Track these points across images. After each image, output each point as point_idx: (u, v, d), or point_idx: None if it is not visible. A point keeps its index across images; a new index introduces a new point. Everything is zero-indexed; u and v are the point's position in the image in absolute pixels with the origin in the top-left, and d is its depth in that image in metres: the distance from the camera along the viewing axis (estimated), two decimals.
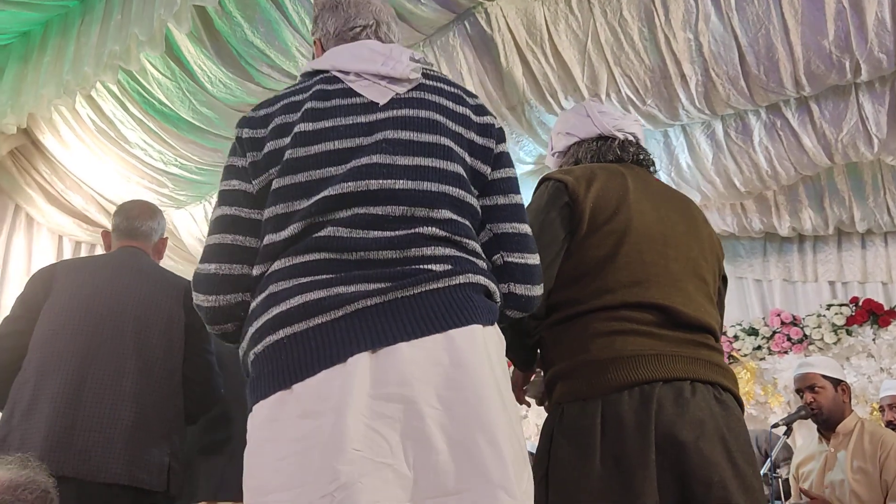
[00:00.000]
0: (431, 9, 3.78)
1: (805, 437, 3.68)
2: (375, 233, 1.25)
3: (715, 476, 1.41)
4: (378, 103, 1.35)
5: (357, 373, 1.13)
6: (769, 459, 3.03)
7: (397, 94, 1.36)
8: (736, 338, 5.84)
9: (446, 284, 1.23)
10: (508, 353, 1.44)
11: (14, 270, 4.67)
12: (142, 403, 2.10)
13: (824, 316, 5.50)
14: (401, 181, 1.28)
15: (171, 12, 3.12)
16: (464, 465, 1.11)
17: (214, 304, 1.30)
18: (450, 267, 1.25)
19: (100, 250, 5.29)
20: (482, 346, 1.21)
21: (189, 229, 5.27)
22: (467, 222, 1.33)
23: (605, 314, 1.54)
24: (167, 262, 5.52)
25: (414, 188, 1.28)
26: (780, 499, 3.08)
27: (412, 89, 1.38)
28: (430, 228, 1.27)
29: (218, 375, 2.31)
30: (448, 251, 1.27)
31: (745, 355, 5.76)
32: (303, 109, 1.34)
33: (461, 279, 1.25)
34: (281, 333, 1.19)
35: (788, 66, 3.65)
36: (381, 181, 1.27)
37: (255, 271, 1.30)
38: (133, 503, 2.04)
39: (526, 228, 1.41)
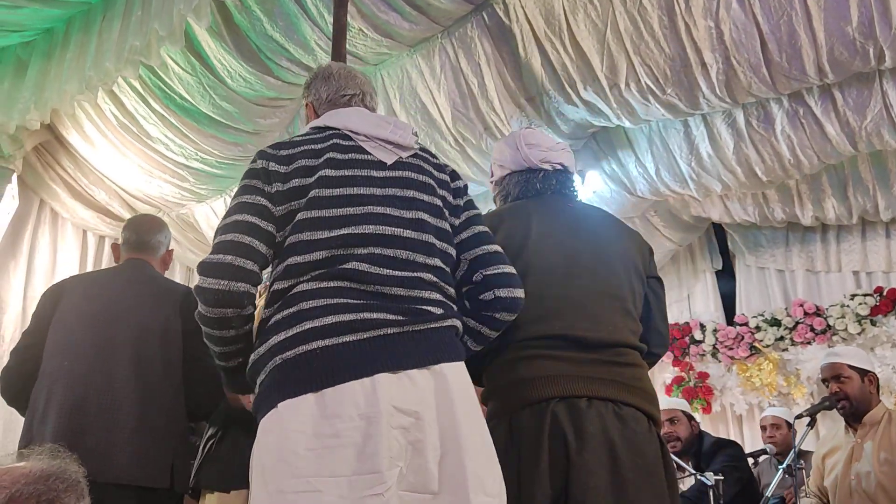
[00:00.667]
0: (449, 0, 3.78)
1: (829, 427, 3.65)
2: (388, 271, 1.53)
3: (591, 482, 1.60)
4: (386, 163, 1.66)
5: (382, 388, 1.39)
6: (793, 451, 3.02)
7: (400, 157, 1.68)
8: (758, 328, 5.80)
9: (440, 325, 1.54)
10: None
11: (40, 265, 4.73)
12: (144, 406, 2.23)
13: (848, 306, 5.44)
14: (406, 230, 1.58)
15: (190, 7, 3.14)
16: (443, 474, 1.40)
17: (224, 289, 1.48)
18: (442, 311, 1.56)
19: None
20: (463, 378, 1.54)
21: (210, 223, 5.31)
22: (449, 269, 1.65)
23: (514, 345, 1.77)
24: (189, 256, 5.56)
25: (416, 237, 1.59)
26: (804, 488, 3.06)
27: (410, 156, 1.70)
28: (427, 274, 1.57)
29: (217, 377, 2.37)
30: (438, 296, 1.58)
31: (768, 346, 5.72)
32: (324, 157, 1.62)
33: (448, 322, 1.56)
34: (314, 345, 1.42)
35: (811, 53, 3.60)
36: (392, 228, 1.57)
37: (278, 286, 1.53)
38: (138, 500, 2.16)
39: (495, 248, 1.71)
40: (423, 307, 1.53)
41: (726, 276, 6.61)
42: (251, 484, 1.41)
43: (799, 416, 3.23)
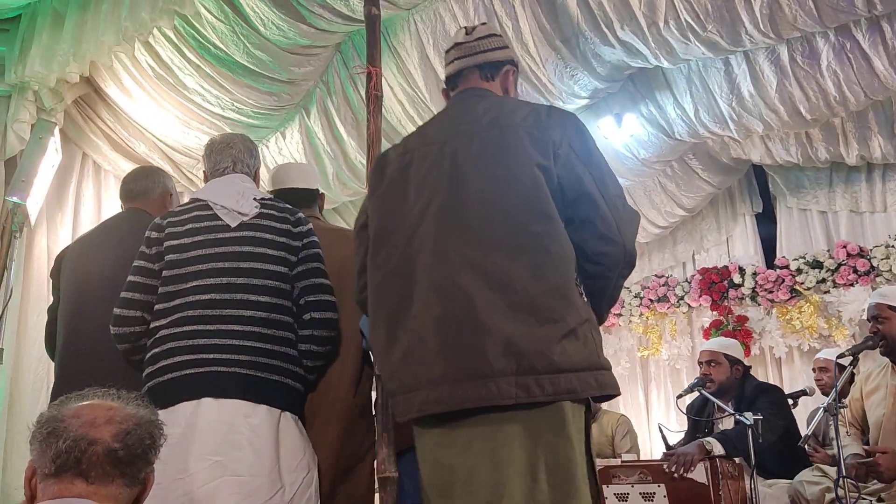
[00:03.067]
0: None
1: (868, 365, 3.63)
2: (226, 311, 2.05)
3: None
4: (231, 225, 2.16)
5: (203, 407, 1.96)
6: (835, 389, 3.01)
7: (243, 221, 2.17)
8: (799, 271, 5.72)
9: (257, 360, 2.06)
10: None
11: (85, 217, 4.83)
12: (107, 355, 2.40)
13: (893, 247, 5.34)
14: (240, 279, 2.09)
15: None
16: (255, 463, 1.95)
17: (119, 332, 2.15)
18: (262, 346, 2.07)
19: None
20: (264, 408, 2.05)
21: None
22: (280, 302, 2.12)
23: None
24: None
25: (247, 283, 2.09)
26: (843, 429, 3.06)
27: (254, 217, 2.18)
28: (259, 312, 2.07)
29: None
30: (265, 331, 2.07)
31: (809, 288, 5.65)
32: (186, 227, 2.18)
33: (264, 360, 2.06)
34: (166, 377, 2.02)
35: None
36: (229, 278, 2.09)
37: (152, 325, 2.10)
38: None
39: (319, 280, 2.18)
40: (249, 343, 2.03)
41: (766, 220, 6.52)
42: None
43: (841, 356, 3.21)
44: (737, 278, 6.03)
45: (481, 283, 1.54)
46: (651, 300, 6.53)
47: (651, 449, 6.19)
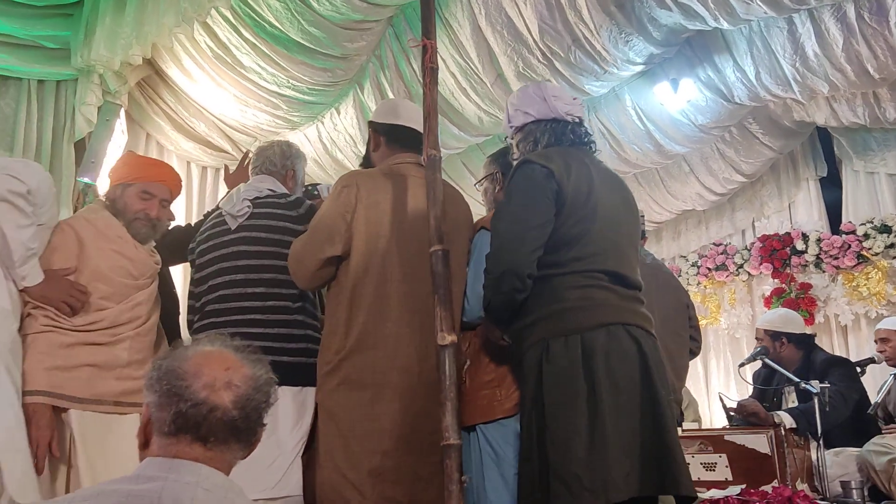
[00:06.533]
0: None
1: None
2: (234, 304, 2.39)
3: (659, 385, 2.03)
4: (231, 228, 2.49)
5: None
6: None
7: (240, 223, 2.48)
8: (866, 236, 5.55)
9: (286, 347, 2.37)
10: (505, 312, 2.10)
11: None
12: None
13: None
14: (238, 275, 2.42)
15: None
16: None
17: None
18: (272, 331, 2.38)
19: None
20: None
21: (303, 150, 5.43)
22: (279, 291, 2.40)
23: (577, 275, 2.06)
24: None
25: (245, 278, 2.41)
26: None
27: (248, 217, 2.48)
28: (253, 303, 2.38)
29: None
30: (271, 317, 2.38)
31: (877, 254, 5.48)
32: (205, 234, 2.56)
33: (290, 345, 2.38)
34: None
35: None
36: (230, 276, 2.43)
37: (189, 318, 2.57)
38: None
39: None
40: (246, 329, 2.30)
41: (830, 184, 6.32)
42: None
43: None
44: (800, 245, 5.88)
45: None
46: (709, 268, 6.42)
47: (711, 419, 6.13)
